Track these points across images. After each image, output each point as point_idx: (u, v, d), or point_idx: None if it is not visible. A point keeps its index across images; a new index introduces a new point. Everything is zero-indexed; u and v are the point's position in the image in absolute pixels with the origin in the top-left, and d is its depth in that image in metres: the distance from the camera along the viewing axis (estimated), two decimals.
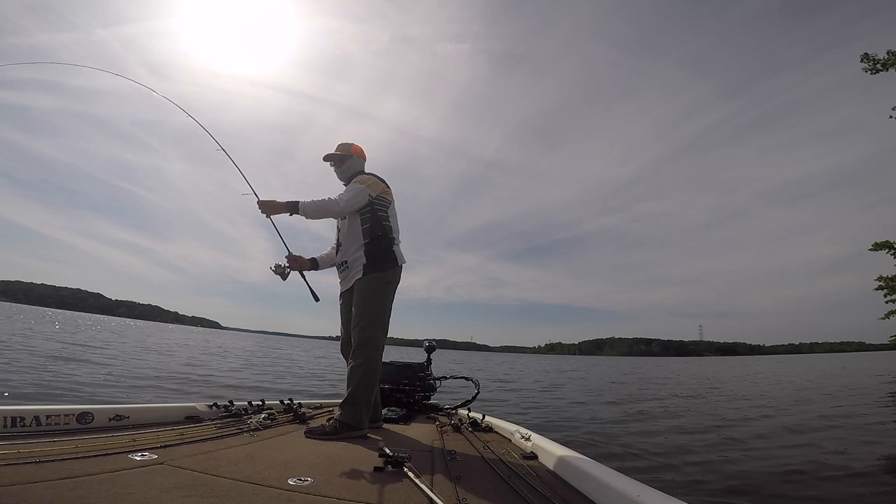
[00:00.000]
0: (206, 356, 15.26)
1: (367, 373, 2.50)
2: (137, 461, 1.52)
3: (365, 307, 2.59)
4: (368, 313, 2.58)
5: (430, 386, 3.65)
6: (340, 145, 2.91)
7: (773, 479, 3.61)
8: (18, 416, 1.83)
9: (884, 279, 16.27)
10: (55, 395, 5.23)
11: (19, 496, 1.12)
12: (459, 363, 27.91)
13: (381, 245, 2.68)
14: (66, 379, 6.50)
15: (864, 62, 13.79)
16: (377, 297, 2.62)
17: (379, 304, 2.63)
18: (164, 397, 6.19)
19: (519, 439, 2.34)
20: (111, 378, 7.24)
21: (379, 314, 2.61)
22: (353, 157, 2.89)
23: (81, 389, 5.77)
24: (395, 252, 2.74)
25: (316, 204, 2.53)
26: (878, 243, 15.52)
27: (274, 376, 10.85)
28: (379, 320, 2.60)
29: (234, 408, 2.59)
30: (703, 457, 4.33)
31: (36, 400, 4.80)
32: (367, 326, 2.56)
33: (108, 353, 11.96)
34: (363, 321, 2.56)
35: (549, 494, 1.45)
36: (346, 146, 2.91)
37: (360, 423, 2.39)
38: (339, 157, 2.87)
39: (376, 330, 2.58)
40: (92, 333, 21.95)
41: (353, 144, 2.92)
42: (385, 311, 2.66)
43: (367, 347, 2.54)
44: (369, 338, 2.54)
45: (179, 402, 2.90)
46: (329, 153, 2.89)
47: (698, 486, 3.41)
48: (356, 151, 2.91)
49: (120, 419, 2.14)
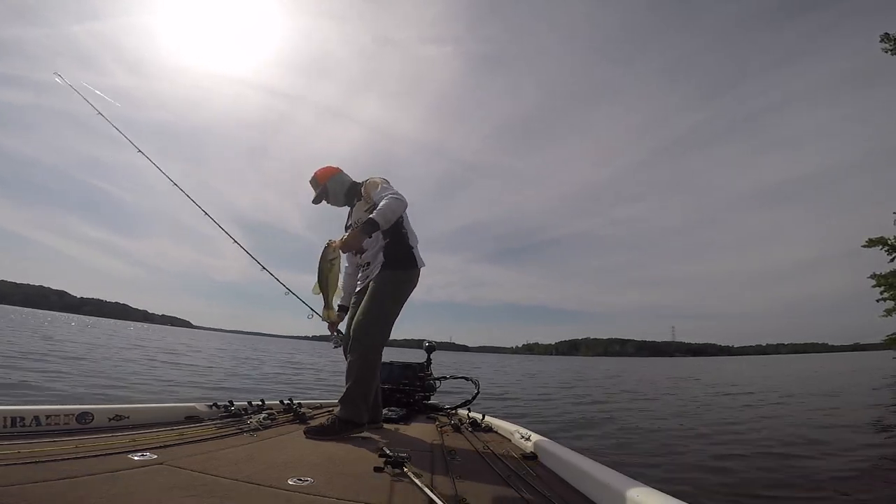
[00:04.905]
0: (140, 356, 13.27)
1: (364, 366, 2.41)
2: (137, 461, 1.52)
3: (375, 301, 2.48)
4: (376, 307, 2.47)
5: (429, 386, 3.66)
6: (313, 182, 2.84)
7: (775, 480, 3.61)
8: (18, 416, 1.83)
9: (878, 276, 15.84)
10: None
11: (19, 496, 1.12)
12: (463, 363, 27.80)
13: (401, 245, 2.60)
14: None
15: (885, 42, 13.61)
16: (390, 293, 2.52)
17: (390, 301, 2.52)
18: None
19: (519, 439, 2.33)
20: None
21: (387, 311, 2.51)
22: (332, 178, 2.81)
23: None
24: (415, 254, 2.65)
25: (386, 210, 2.36)
26: (871, 239, 15.22)
27: (202, 376, 9.59)
28: (385, 317, 2.50)
29: (234, 408, 2.59)
30: (704, 456, 4.33)
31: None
32: (371, 320, 2.45)
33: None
34: (369, 315, 2.45)
35: (549, 494, 1.45)
36: (312, 178, 2.84)
37: (359, 418, 2.34)
38: (323, 190, 2.81)
39: (381, 325, 2.48)
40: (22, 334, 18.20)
41: (319, 173, 2.83)
42: (395, 309, 2.55)
43: (367, 342, 2.44)
44: (371, 332, 2.45)
45: (179, 402, 2.90)
46: (314, 194, 2.84)
47: (699, 486, 3.40)
48: (327, 174, 2.82)
49: (120, 419, 2.13)
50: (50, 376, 6.97)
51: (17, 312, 63.45)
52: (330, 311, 2.55)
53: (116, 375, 8.08)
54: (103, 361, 10.29)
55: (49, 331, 22.69)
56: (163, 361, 12.18)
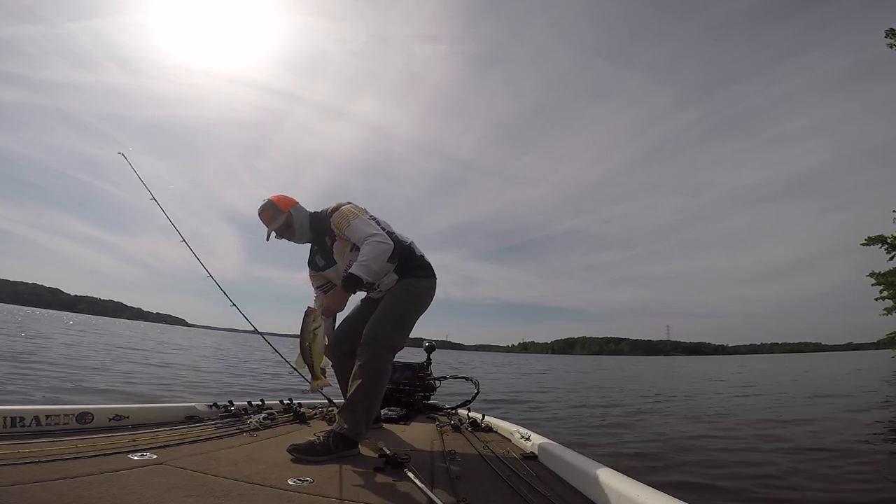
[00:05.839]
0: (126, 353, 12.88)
1: (373, 373, 2.05)
2: (137, 461, 1.52)
3: (387, 306, 2.24)
4: (392, 313, 2.22)
5: (429, 386, 3.66)
6: (270, 210, 2.29)
7: (776, 481, 3.60)
8: (18, 416, 1.83)
9: (877, 275, 15.71)
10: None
11: (19, 496, 1.12)
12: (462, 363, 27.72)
13: (411, 260, 2.35)
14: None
15: (891, 38, 13.55)
16: (404, 299, 2.27)
17: (402, 307, 2.26)
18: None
19: (519, 439, 2.34)
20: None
21: (403, 317, 2.25)
22: (295, 206, 2.34)
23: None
24: (428, 262, 2.41)
25: (370, 261, 2.08)
26: (871, 237, 15.16)
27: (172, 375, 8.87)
28: (401, 323, 2.23)
29: (234, 408, 2.60)
30: (702, 457, 4.33)
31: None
32: (385, 323, 2.17)
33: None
34: (383, 320, 2.18)
35: (549, 494, 1.45)
36: (270, 204, 2.29)
37: (357, 435, 1.93)
38: (287, 220, 2.29)
39: (396, 330, 2.19)
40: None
41: (278, 199, 2.31)
42: (412, 317, 2.29)
43: (379, 345, 2.10)
44: (384, 336, 2.13)
45: (179, 402, 2.90)
46: (270, 227, 2.27)
47: (698, 486, 3.41)
48: (289, 202, 2.33)
49: (120, 419, 2.14)
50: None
51: (7, 311, 62.74)
52: (319, 380, 2.02)
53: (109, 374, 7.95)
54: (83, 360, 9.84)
55: (46, 329, 22.40)
56: (157, 364, 11.44)
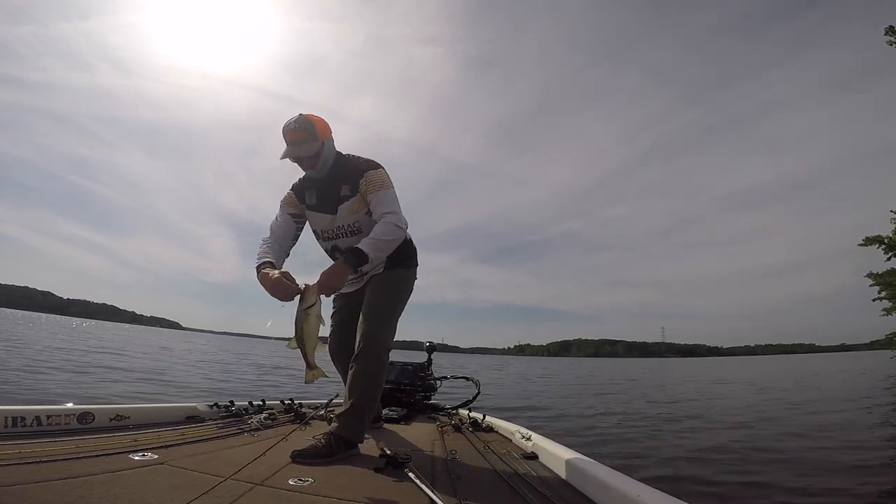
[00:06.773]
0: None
1: (373, 378, 2.06)
2: (138, 461, 1.52)
3: (381, 302, 2.18)
4: (385, 310, 2.17)
5: (430, 386, 3.66)
6: (306, 128, 2.01)
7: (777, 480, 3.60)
8: (19, 416, 1.83)
9: (875, 275, 15.68)
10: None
11: (20, 496, 1.12)
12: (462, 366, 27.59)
13: (405, 245, 2.24)
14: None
15: (890, 35, 13.53)
16: (396, 294, 2.26)
17: (395, 303, 2.25)
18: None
19: (520, 439, 2.34)
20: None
21: (394, 313, 2.23)
22: (330, 138, 2.11)
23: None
24: (416, 249, 2.39)
25: (383, 244, 1.96)
26: (868, 238, 15.18)
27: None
28: (393, 320, 2.21)
29: (235, 408, 2.60)
30: (704, 457, 4.33)
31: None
32: (380, 325, 2.13)
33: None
34: (377, 320, 2.13)
35: (549, 494, 1.45)
36: (308, 125, 2.02)
37: (358, 438, 1.96)
38: (318, 149, 2.05)
39: (391, 328, 2.18)
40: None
41: (318, 122, 2.05)
42: (400, 310, 2.28)
43: (378, 349, 2.09)
44: (380, 338, 2.10)
45: (180, 402, 2.90)
46: (299, 150, 2.01)
47: (699, 486, 3.40)
48: (327, 130, 2.09)
49: (121, 419, 2.14)
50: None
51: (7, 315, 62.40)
52: (312, 371, 1.85)
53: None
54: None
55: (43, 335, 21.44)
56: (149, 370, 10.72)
